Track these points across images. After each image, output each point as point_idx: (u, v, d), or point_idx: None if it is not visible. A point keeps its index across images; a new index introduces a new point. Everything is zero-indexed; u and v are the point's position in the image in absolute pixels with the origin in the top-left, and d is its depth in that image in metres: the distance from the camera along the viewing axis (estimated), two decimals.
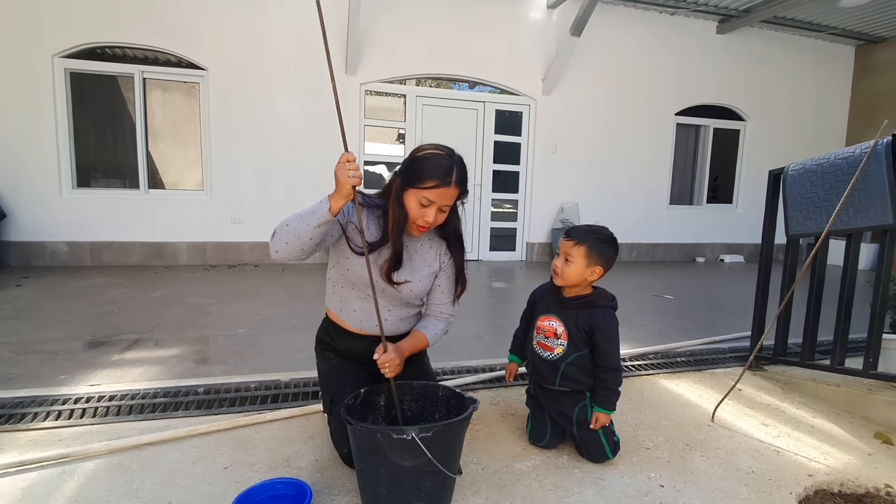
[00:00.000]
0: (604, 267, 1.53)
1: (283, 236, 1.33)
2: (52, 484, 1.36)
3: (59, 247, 4.86)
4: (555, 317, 1.58)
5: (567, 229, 1.58)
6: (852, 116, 7.28)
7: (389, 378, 1.38)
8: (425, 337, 1.56)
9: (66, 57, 4.72)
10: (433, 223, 1.44)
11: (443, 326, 1.62)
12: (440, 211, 1.43)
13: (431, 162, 1.40)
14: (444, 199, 1.41)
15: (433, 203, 1.40)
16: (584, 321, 1.53)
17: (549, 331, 1.58)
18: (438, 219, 1.45)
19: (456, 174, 1.40)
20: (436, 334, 1.59)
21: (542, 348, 1.59)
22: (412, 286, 1.52)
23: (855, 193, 1.90)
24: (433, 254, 1.59)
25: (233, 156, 5.20)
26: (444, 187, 1.38)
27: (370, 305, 1.51)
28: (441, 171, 1.38)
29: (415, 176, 1.40)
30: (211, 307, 3.46)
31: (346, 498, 1.34)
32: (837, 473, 1.54)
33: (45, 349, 2.51)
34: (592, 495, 1.39)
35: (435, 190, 1.38)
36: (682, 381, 2.30)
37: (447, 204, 1.43)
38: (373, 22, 5.27)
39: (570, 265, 1.52)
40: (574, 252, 1.51)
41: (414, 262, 1.55)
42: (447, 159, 1.41)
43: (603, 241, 1.52)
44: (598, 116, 6.27)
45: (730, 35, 6.53)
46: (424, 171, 1.39)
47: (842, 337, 2.08)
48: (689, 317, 3.62)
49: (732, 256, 6.97)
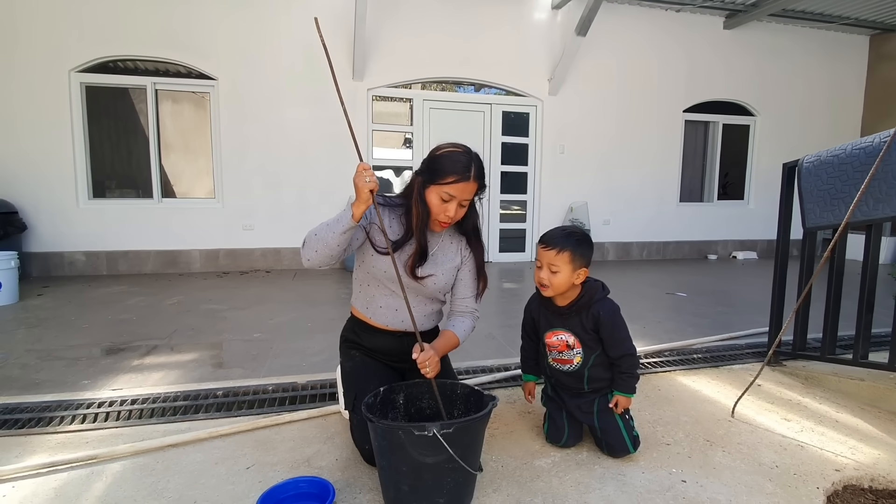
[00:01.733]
0: (587, 267, 1.51)
1: (312, 245, 1.42)
2: (82, 484, 1.39)
3: (77, 257, 4.95)
4: (561, 329, 1.56)
5: (542, 237, 1.53)
6: (868, 107, 7.17)
7: (430, 378, 1.40)
8: (455, 335, 1.59)
9: (81, 71, 4.83)
10: (454, 218, 1.50)
11: (469, 322, 1.65)
12: (460, 206, 1.49)
13: (450, 159, 1.47)
14: (465, 193, 1.47)
15: (454, 198, 1.46)
16: (589, 321, 1.52)
17: (561, 345, 1.56)
18: (459, 213, 1.50)
19: (474, 169, 1.47)
20: (464, 331, 1.62)
21: (560, 363, 1.58)
22: (435, 280, 1.57)
23: (875, 183, 1.87)
24: (454, 248, 1.64)
25: (243, 164, 5.26)
26: (463, 182, 1.44)
27: (395, 301, 1.58)
28: (460, 167, 1.45)
29: (435, 173, 1.47)
30: (226, 313, 3.50)
31: (368, 496, 1.34)
32: (867, 469, 1.51)
33: (68, 355, 2.55)
34: (614, 491, 1.38)
35: (455, 185, 1.44)
36: (700, 377, 2.28)
37: (467, 198, 1.49)
38: (379, 27, 5.32)
39: (556, 275, 1.48)
40: (558, 261, 1.47)
41: (437, 258, 1.60)
42: (465, 156, 1.48)
43: (581, 242, 1.50)
44: (605, 115, 6.25)
45: (737, 30, 6.49)
46: (444, 168, 1.46)
47: (865, 329, 2.05)
48: (704, 314, 3.58)
49: (745, 253, 6.89)
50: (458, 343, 1.60)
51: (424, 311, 1.63)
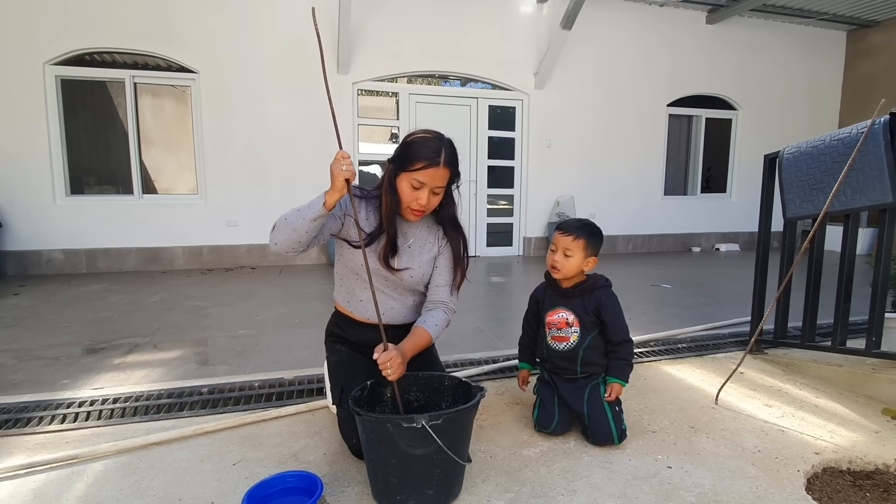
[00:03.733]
0: (596, 257, 1.61)
1: (281, 229, 1.37)
2: (63, 484, 1.36)
3: (55, 255, 4.83)
4: (563, 308, 1.62)
5: (559, 224, 1.63)
6: (845, 101, 7.33)
7: (392, 381, 1.34)
8: (426, 332, 1.51)
9: (56, 64, 4.69)
10: (428, 206, 1.46)
11: (441, 316, 1.57)
12: (433, 193, 1.45)
13: (421, 145, 1.42)
14: (435, 179, 1.42)
15: (424, 185, 1.42)
16: (591, 304, 1.59)
17: (561, 322, 1.61)
18: (432, 202, 1.46)
19: (445, 154, 1.42)
20: (436, 325, 1.54)
21: (558, 341, 1.62)
22: (412, 272, 1.54)
23: (853, 174, 1.92)
24: (432, 239, 1.61)
25: (226, 159, 5.18)
26: (433, 167, 1.40)
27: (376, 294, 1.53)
28: (430, 153, 1.41)
29: (405, 160, 1.43)
30: (210, 309, 3.45)
31: (356, 489, 1.34)
32: (845, 451, 1.55)
33: (46, 355, 2.49)
34: (601, 478, 1.40)
35: (424, 171, 1.40)
36: (684, 366, 2.32)
37: (439, 185, 1.44)
38: (363, 20, 5.26)
39: (569, 259, 1.58)
40: (573, 246, 1.57)
41: (413, 249, 1.57)
42: (436, 141, 1.43)
43: (595, 232, 1.62)
44: (591, 109, 6.28)
45: (719, 25, 6.57)
46: (414, 154, 1.42)
47: (843, 317, 2.10)
48: (688, 305, 3.64)
49: (728, 245, 7.01)
50: (429, 340, 1.52)
51: (406, 303, 1.60)
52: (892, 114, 1.84)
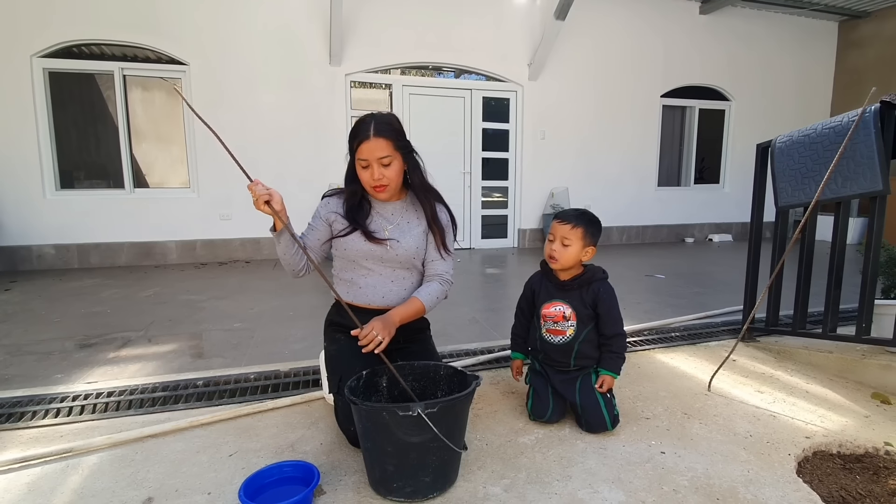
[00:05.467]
0: (595, 246, 1.60)
1: (281, 261, 1.57)
2: (57, 478, 1.36)
3: (46, 250, 4.78)
4: (560, 301, 1.61)
5: (557, 213, 1.62)
6: (836, 92, 7.36)
7: (379, 353, 1.38)
8: (417, 300, 1.55)
9: (44, 56, 4.61)
10: (382, 179, 1.49)
11: (436, 287, 1.60)
12: (382, 165, 1.48)
13: (355, 128, 1.50)
14: (375, 152, 1.46)
15: (369, 160, 1.47)
16: (589, 297, 1.59)
17: (557, 315, 1.60)
18: (386, 173, 1.49)
19: (374, 125, 1.46)
20: (429, 295, 1.57)
21: (553, 334, 1.61)
22: (401, 244, 1.57)
23: (843, 162, 1.93)
24: (418, 213, 1.63)
25: (218, 152, 5.04)
26: (365, 141, 1.45)
27: (374, 278, 1.59)
28: (360, 130, 1.47)
29: (349, 145, 1.52)
30: (204, 303, 3.43)
31: (353, 477, 1.35)
32: (835, 435, 1.58)
33: (39, 350, 2.47)
34: (595, 464, 1.41)
35: (361, 147, 1.47)
36: (678, 354, 2.34)
37: (382, 156, 1.46)
38: (356, 11, 5.21)
39: (567, 249, 1.56)
40: (572, 235, 1.56)
41: (399, 225, 1.60)
42: (367, 118, 1.50)
43: (593, 221, 1.60)
44: (585, 101, 6.27)
45: (712, 15, 6.56)
46: (351, 137, 1.50)
47: (833, 304, 2.12)
48: (682, 294, 3.67)
49: (721, 235, 7.06)
50: (422, 308, 1.55)
51: (404, 284, 1.61)
52: (882, 102, 1.86)
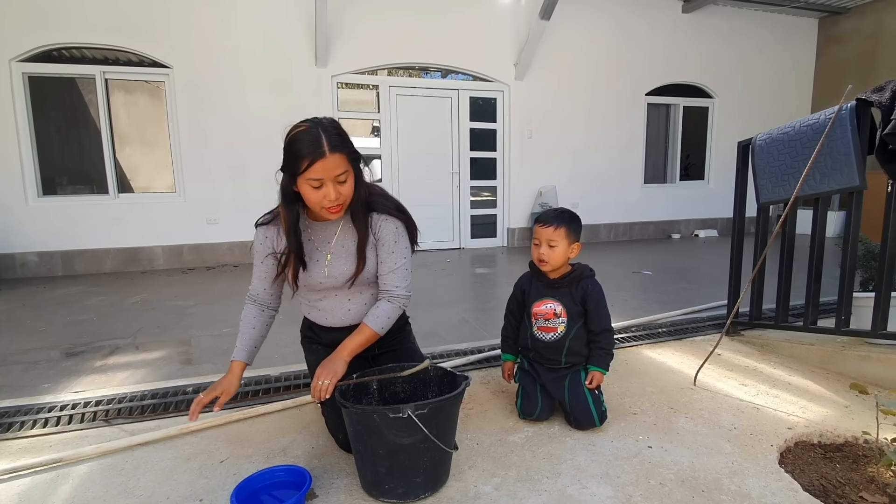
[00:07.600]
0: (579, 242, 1.64)
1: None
2: (48, 488, 1.35)
3: (29, 258, 4.70)
4: (551, 299, 1.64)
5: (538, 217, 1.66)
6: (817, 88, 7.49)
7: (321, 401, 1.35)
8: (365, 326, 1.45)
9: (23, 61, 4.53)
10: (339, 198, 1.35)
11: (384, 307, 1.48)
12: (338, 183, 1.33)
13: (299, 142, 1.31)
14: (330, 170, 1.30)
15: (323, 179, 1.31)
16: (578, 294, 1.62)
17: (549, 313, 1.63)
18: (343, 190, 1.35)
19: (326, 140, 1.29)
20: (378, 318, 1.46)
21: (544, 332, 1.64)
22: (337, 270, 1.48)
23: (821, 159, 1.98)
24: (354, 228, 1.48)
25: (204, 155, 5.08)
26: (320, 160, 1.28)
27: (333, 301, 1.55)
28: (310, 146, 1.29)
29: (292, 164, 1.32)
30: (193, 309, 3.41)
31: (345, 480, 1.36)
32: (816, 425, 1.62)
33: (24, 360, 2.44)
34: (584, 460, 1.44)
35: (313, 167, 1.29)
36: (664, 350, 2.38)
37: (338, 173, 1.32)
38: (341, 11, 5.19)
39: (554, 250, 1.60)
40: (556, 236, 1.60)
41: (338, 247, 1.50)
42: (312, 131, 1.31)
43: (573, 218, 1.65)
44: (570, 99, 6.32)
45: (695, 14, 6.65)
46: (296, 154, 1.30)
47: (814, 297, 2.17)
48: (668, 290, 3.72)
49: (707, 231, 7.16)
50: (371, 334, 1.45)
51: (364, 299, 1.55)
52: (858, 99, 1.91)
